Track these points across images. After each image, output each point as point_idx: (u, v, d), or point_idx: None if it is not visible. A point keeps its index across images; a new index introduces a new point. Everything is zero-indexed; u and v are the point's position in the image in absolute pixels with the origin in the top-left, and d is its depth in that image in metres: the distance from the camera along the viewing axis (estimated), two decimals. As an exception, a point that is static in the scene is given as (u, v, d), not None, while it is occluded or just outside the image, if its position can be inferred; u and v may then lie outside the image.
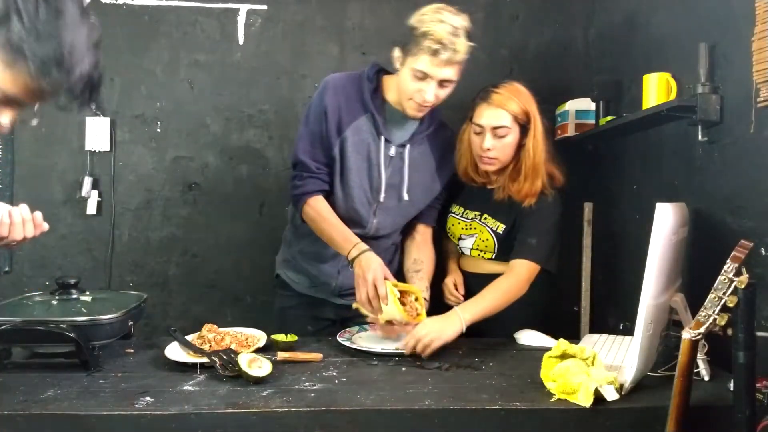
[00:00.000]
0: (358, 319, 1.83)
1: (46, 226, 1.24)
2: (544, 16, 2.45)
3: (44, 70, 0.80)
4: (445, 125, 1.85)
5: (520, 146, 1.72)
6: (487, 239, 1.79)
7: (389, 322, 1.60)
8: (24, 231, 1.20)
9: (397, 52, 1.65)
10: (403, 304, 1.57)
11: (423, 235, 1.87)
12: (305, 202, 1.72)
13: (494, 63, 2.42)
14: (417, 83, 1.60)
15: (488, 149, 1.70)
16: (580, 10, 2.44)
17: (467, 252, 1.85)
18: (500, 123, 1.68)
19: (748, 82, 1.40)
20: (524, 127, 1.70)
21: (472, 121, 1.74)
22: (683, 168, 1.72)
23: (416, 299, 1.62)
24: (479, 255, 1.82)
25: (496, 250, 1.78)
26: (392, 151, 1.73)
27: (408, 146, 1.74)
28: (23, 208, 1.21)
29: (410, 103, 1.65)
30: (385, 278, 1.58)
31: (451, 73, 1.59)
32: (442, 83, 1.60)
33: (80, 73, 0.83)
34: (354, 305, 1.64)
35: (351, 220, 1.74)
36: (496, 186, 1.80)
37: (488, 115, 1.69)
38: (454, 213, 1.88)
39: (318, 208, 1.72)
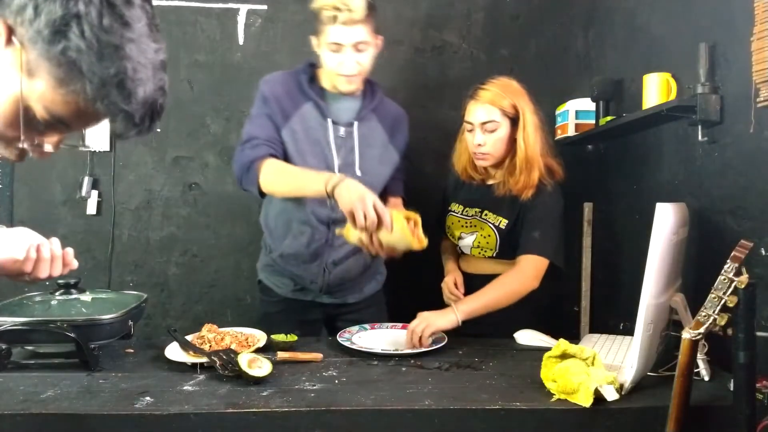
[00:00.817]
0: (345, 316, 1.85)
1: (75, 264, 1.08)
2: (544, 16, 2.45)
3: (102, 92, 0.67)
4: (389, 99, 1.88)
5: (514, 140, 1.74)
6: (489, 235, 1.78)
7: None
8: (51, 269, 1.04)
9: (313, 40, 1.71)
10: None
11: (394, 204, 1.85)
12: (257, 167, 1.61)
13: (494, 63, 2.43)
14: (335, 56, 1.65)
15: (479, 145, 1.73)
16: (580, 10, 2.44)
17: (467, 251, 1.85)
18: (488, 118, 1.71)
19: (748, 82, 1.40)
20: (515, 121, 1.72)
21: (464, 119, 1.77)
22: (683, 168, 1.72)
23: (415, 225, 1.51)
24: (480, 253, 1.82)
25: (497, 248, 1.78)
26: (341, 131, 1.74)
27: (356, 124, 1.76)
28: (55, 242, 1.05)
29: (339, 79, 1.69)
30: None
31: (360, 33, 1.63)
32: (357, 47, 1.64)
33: (142, 97, 0.70)
34: (338, 231, 1.56)
35: (323, 204, 1.69)
36: (496, 182, 1.81)
37: (476, 111, 1.73)
38: (454, 212, 1.88)
39: (273, 165, 1.63)
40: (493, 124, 1.71)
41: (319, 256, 1.77)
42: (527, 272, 1.69)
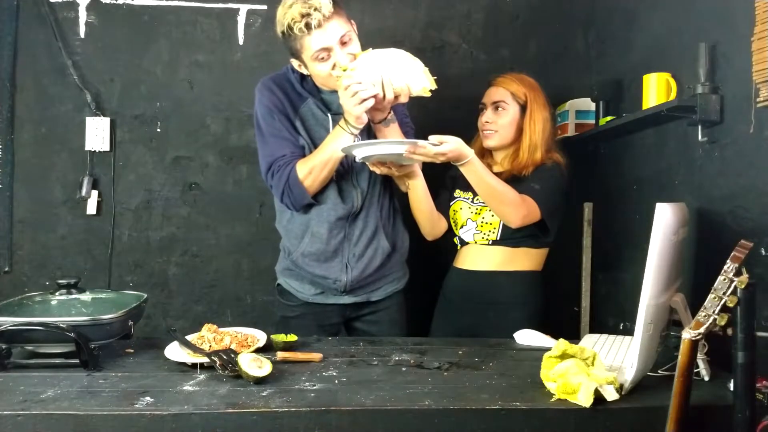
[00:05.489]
0: (365, 317, 1.84)
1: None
2: (544, 16, 2.45)
3: None
4: None
5: (521, 130, 1.84)
6: (493, 215, 1.80)
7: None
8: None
9: (295, 63, 1.69)
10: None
11: None
12: (295, 179, 1.66)
13: (494, 63, 2.42)
14: (326, 63, 1.61)
15: (487, 122, 1.86)
16: (580, 10, 2.44)
17: (469, 238, 1.85)
18: (499, 98, 1.87)
19: (748, 82, 1.40)
20: (524, 109, 1.83)
21: (481, 103, 1.91)
22: (683, 168, 1.73)
23: None
24: (483, 238, 1.83)
25: (500, 227, 1.80)
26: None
27: None
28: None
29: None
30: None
31: (337, 27, 1.58)
32: (342, 41, 1.60)
33: None
34: (334, 74, 1.59)
35: (343, 193, 1.74)
36: (501, 169, 1.86)
37: (490, 93, 1.90)
38: (463, 198, 1.90)
39: (301, 165, 1.66)
40: (503, 104, 1.85)
41: (339, 252, 1.76)
42: (525, 202, 1.71)
